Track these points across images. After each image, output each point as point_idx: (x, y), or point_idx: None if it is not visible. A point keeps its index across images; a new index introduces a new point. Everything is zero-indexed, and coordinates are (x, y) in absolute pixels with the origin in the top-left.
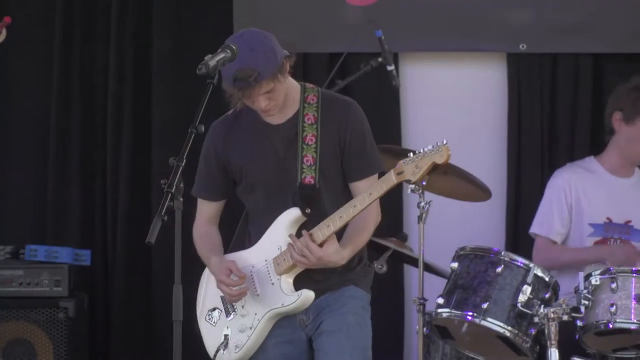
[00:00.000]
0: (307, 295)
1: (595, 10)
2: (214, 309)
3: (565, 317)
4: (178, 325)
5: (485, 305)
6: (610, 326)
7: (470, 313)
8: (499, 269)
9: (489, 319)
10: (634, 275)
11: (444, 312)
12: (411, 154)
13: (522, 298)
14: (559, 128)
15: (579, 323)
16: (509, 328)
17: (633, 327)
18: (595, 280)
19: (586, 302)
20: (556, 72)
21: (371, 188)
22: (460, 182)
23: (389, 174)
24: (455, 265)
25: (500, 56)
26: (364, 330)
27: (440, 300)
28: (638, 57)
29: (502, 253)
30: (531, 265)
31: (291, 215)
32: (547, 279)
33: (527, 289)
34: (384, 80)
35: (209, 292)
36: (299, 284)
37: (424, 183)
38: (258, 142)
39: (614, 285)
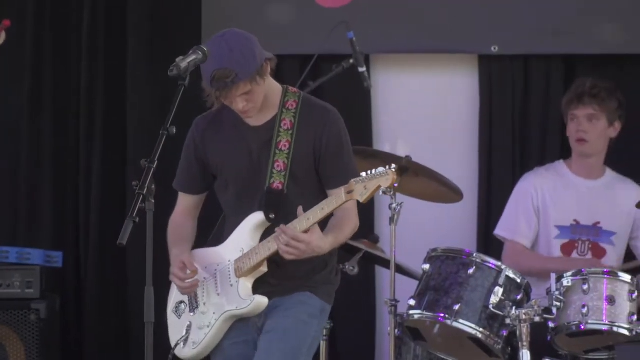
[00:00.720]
0: (260, 301)
1: (566, 12)
2: (181, 302)
3: (537, 319)
4: (150, 327)
5: (457, 307)
6: (582, 327)
7: (442, 314)
8: (470, 271)
9: (461, 321)
10: (606, 276)
11: (416, 313)
12: (363, 173)
13: (493, 299)
14: (530, 130)
15: (551, 324)
16: (481, 329)
17: (604, 328)
18: (567, 281)
19: (558, 304)
20: (528, 74)
21: (323, 203)
22: (431, 184)
23: (339, 190)
24: (426, 266)
25: (472, 58)
26: (300, 336)
27: (412, 302)
28: (609, 59)
29: (474, 255)
30: (503, 266)
31: (255, 219)
32: (518, 280)
33: (499, 291)
34: (356, 82)
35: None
36: (256, 287)
37: (396, 185)
38: (235, 141)
39: (585, 287)
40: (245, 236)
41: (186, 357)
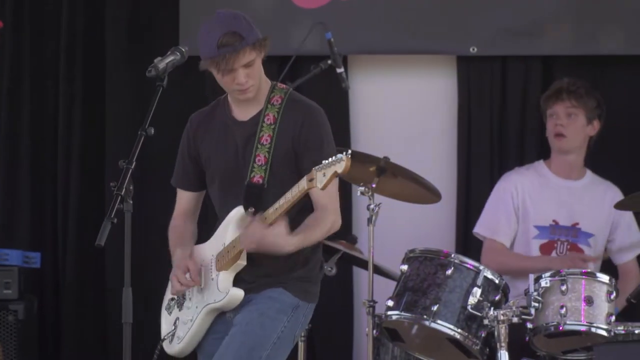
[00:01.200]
0: (235, 293)
1: (545, 12)
2: (172, 299)
3: (515, 319)
4: (128, 328)
5: (435, 308)
6: (561, 328)
7: (420, 315)
8: (448, 271)
9: (439, 321)
10: (584, 277)
11: (394, 314)
12: (325, 161)
13: (472, 300)
14: (508, 130)
15: (529, 325)
16: (459, 330)
17: (583, 329)
18: (545, 282)
19: (536, 304)
20: (506, 74)
21: (288, 192)
22: (409, 185)
23: (302, 179)
24: (404, 267)
25: (450, 59)
26: (265, 331)
27: (390, 303)
28: (587, 60)
29: (452, 255)
30: (481, 267)
31: (237, 214)
32: (497, 281)
33: (477, 292)
34: (334, 82)
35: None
36: (235, 284)
37: (374, 185)
38: (223, 135)
39: (564, 288)
40: (228, 230)
41: (172, 352)
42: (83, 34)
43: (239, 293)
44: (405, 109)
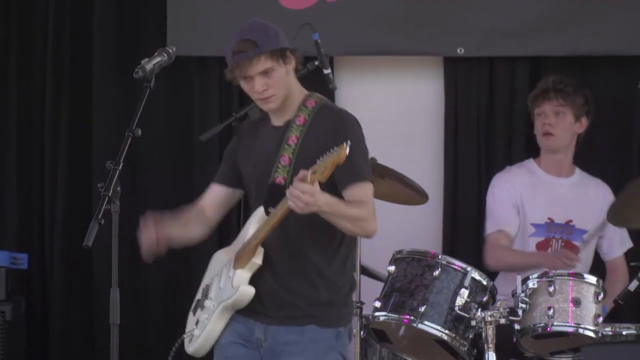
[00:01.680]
0: (244, 290)
1: (532, 13)
2: (198, 300)
3: (502, 321)
4: (115, 329)
5: (422, 309)
6: (548, 329)
7: (408, 316)
8: (436, 272)
9: (426, 323)
10: (572, 278)
11: (381, 315)
12: (327, 152)
13: (459, 301)
14: (495, 132)
15: (517, 326)
16: (446, 331)
17: (570, 330)
18: (532, 283)
19: (524, 306)
20: (493, 76)
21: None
22: (396, 185)
23: (308, 171)
24: (392, 268)
25: (437, 60)
26: None
27: (377, 304)
28: (575, 60)
29: (439, 256)
30: (468, 268)
31: (258, 214)
32: (484, 282)
33: (465, 293)
34: (321, 83)
35: (200, 285)
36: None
37: None
38: (259, 142)
39: (551, 289)
40: (248, 230)
41: (189, 351)
42: (70, 34)
43: (248, 290)
44: (392, 110)
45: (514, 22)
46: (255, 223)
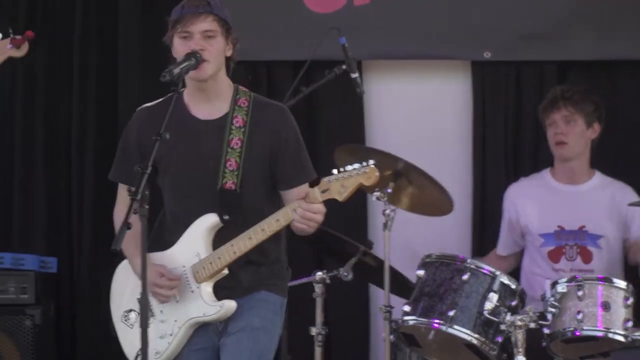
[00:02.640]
0: (229, 305)
1: (559, 17)
2: (130, 311)
3: (532, 325)
4: (144, 333)
5: (451, 313)
6: (577, 334)
7: (437, 321)
8: (465, 277)
9: (456, 327)
10: (601, 283)
11: (411, 319)
12: (335, 171)
13: (488, 305)
14: (523, 135)
15: (546, 331)
16: (476, 336)
17: (599, 334)
18: (562, 287)
19: (553, 310)
20: (520, 80)
21: (295, 204)
22: (424, 192)
23: (301, 188)
24: (421, 272)
25: (464, 64)
26: (269, 335)
27: (407, 308)
28: (602, 65)
29: (468, 260)
30: (497, 272)
31: (208, 222)
32: (513, 286)
33: (494, 297)
34: (348, 87)
35: (125, 293)
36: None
37: (389, 190)
38: (182, 134)
39: (580, 293)
40: (198, 239)
41: None
42: (96, 38)
43: (232, 305)
44: (419, 114)
45: (541, 26)
46: (206, 232)
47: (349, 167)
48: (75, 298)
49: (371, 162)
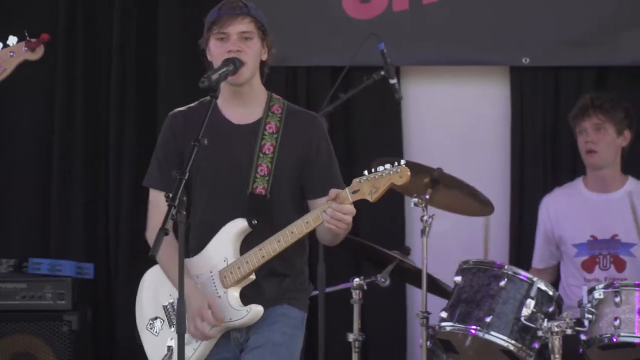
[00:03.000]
0: (257, 310)
1: (598, 23)
2: (156, 318)
3: (569, 331)
4: (181, 338)
5: (488, 319)
6: (615, 340)
7: (474, 327)
8: (502, 283)
9: (493, 333)
10: (638, 289)
11: (448, 325)
12: (366, 172)
13: (525, 312)
14: (561, 140)
15: (583, 337)
16: (513, 342)
17: (637, 341)
18: (598, 294)
19: (590, 316)
20: (559, 85)
21: (326, 204)
22: (462, 196)
23: (343, 191)
24: (458, 279)
25: (502, 70)
26: (290, 350)
27: (444, 314)
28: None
29: (505, 267)
30: (534, 279)
31: (237, 227)
32: (550, 292)
33: (531, 303)
34: (387, 93)
35: (150, 300)
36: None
37: (427, 197)
38: (215, 137)
39: (617, 299)
40: (227, 244)
41: None
42: (136, 39)
43: (259, 309)
44: (458, 120)
45: (580, 32)
46: (235, 237)
47: (380, 168)
48: (112, 304)
49: (402, 162)
